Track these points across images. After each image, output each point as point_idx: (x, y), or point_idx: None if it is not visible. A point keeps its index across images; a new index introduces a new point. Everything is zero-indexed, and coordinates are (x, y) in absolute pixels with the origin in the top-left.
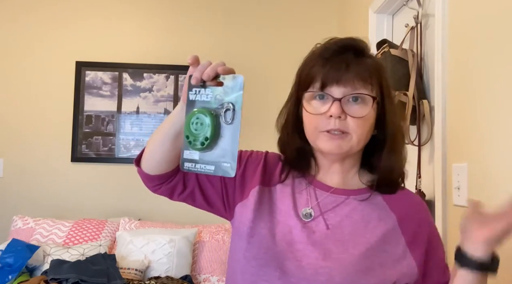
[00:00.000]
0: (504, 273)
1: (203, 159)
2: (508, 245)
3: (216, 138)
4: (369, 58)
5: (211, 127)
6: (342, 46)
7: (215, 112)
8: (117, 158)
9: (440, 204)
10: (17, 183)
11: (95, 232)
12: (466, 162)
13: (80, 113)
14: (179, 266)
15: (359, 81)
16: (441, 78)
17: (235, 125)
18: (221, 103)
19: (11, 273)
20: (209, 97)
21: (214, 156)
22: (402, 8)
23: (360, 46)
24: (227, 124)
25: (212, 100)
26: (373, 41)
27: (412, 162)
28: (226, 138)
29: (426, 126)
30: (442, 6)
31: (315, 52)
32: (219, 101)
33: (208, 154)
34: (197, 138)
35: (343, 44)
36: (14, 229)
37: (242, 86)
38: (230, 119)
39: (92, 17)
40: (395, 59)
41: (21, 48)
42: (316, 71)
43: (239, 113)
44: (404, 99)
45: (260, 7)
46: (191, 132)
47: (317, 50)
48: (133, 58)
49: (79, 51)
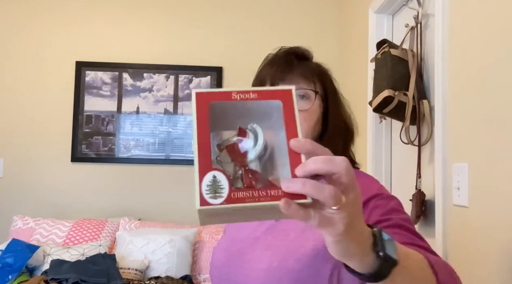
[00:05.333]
0: (505, 273)
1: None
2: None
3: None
4: (311, 62)
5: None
6: (287, 53)
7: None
8: (117, 158)
9: (440, 204)
10: (17, 183)
11: (95, 232)
12: (466, 162)
13: (80, 113)
14: (179, 266)
15: (302, 79)
16: (441, 78)
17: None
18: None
19: (11, 273)
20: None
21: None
22: (402, 8)
23: (303, 52)
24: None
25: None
26: (373, 41)
27: (412, 162)
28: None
29: (426, 126)
30: (442, 6)
31: (266, 59)
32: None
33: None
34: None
35: (288, 51)
36: (14, 229)
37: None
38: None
39: (92, 17)
40: (395, 59)
41: (21, 48)
42: (265, 74)
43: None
44: (404, 99)
45: (260, 7)
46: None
47: (267, 58)
48: (133, 58)
49: (79, 51)
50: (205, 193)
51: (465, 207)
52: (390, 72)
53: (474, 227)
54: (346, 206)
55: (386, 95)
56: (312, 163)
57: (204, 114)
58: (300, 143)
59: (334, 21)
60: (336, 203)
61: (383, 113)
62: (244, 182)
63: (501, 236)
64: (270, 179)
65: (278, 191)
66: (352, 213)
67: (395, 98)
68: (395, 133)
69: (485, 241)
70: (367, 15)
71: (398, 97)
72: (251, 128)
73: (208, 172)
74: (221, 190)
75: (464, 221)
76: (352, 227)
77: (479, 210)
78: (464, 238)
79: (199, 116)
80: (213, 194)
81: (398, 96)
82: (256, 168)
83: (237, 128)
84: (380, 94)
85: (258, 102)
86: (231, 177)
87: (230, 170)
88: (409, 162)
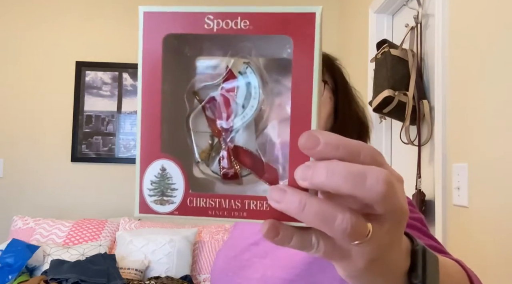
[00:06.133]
0: (505, 273)
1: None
2: (508, 246)
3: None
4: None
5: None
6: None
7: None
8: (117, 158)
9: (440, 204)
10: (17, 183)
11: (95, 232)
12: (466, 162)
13: (80, 113)
14: (179, 266)
15: None
16: (441, 78)
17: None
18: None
19: (11, 273)
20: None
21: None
22: (402, 8)
23: None
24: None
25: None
26: (373, 41)
27: (412, 162)
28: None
29: (426, 126)
30: (442, 6)
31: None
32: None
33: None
34: None
35: None
36: (14, 229)
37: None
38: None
39: (92, 17)
40: (395, 59)
41: (21, 48)
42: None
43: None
44: (404, 99)
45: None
46: None
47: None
48: (133, 58)
49: (79, 51)
50: (148, 194)
51: (465, 207)
52: (390, 72)
53: (474, 227)
54: (376, 237)
55: (386, 95)
56: (326, 172)
57: (155, 57)
58: (317, 142)
59: (334, 21)
60: (354, 240)
61: (383, 113)
62: (222, 167)
63: (501, 236)
64: (265, 162)
65: (263, 202)
66: (383, 245)
67: (395, 98)
68: (395, 133)
69: (485, 241)
70: (367, 15)
71: (398, 97)
72: (243, 71)
73: (154, 161)
74: (172, 191)
75: (464, 221)
76: (380, 261)
77: (479, 210)
78: (464, 238)
79: (146, 60)
80: (159, 197)
81: (398, 96)
82: (244, 141)
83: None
84: (380, 94)
85: (251, 37)
86: (198, 160)
87: (203, 143)
88: (409, 162)
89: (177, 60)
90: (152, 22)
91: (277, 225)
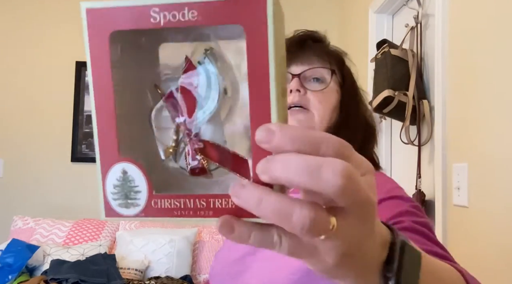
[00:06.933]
0: (505, 272)
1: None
2: (508, 246)
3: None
4: (327, 44)
5: None
6: (302, 35)
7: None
8: None
9: (440, 204)
10: (17, 183)
11: (95, 232)
12: (466, 162)
13: (80, 113)
14: (179, 266)
15: (316, 58)
16: (441, 78)
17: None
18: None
19: (11, 273)
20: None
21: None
22: (402, 8)
23: (318, 35)
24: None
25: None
26: (373, 41)
27: (412, 162)
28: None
29: (426, 126)
30: (442, 6)
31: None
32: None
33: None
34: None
35: (303, 34)
36: (14, 229)
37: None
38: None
39: None
40: (395, 59)
41: (21, 48)
42: None
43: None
44: (404, 99)
45: None
46: None
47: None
48: None
49: (79, 51)
50: (112, 198)
51: (465, 207)
52: (390, 72)
53: (474, 227)
54: (342, 231)
55: (386, 95)
56: (281, 165)
57: (102, 55)
58: (273, 135)
59: (334, 21)
60: (316, 234)
61: (383, 113)
62: (188, 163)
63: (501, 236)
64: (235, 153)
65: (228, 199)
66: (351, 238)
67: (395, 98)
68: (395, 133)
69: (485, 241)
70: (367, 15)
71: (398, 97)
72: (202, 61)
73: (114, 165)
74: (135, 194)
75: (464, 221)
76: (350, 255)
77: (479, 210)
78: (464, 238)
79: (94, 60)
80: (123, 201)
81: (398, 96)
82: (211, 134)
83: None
84: (380, 94)
85: (201, 29)
86: (163, 158)
87: (167, 139)
88: (409, 162)
89: (135, 53)
90: (95, 20)
91: (232, 221)
